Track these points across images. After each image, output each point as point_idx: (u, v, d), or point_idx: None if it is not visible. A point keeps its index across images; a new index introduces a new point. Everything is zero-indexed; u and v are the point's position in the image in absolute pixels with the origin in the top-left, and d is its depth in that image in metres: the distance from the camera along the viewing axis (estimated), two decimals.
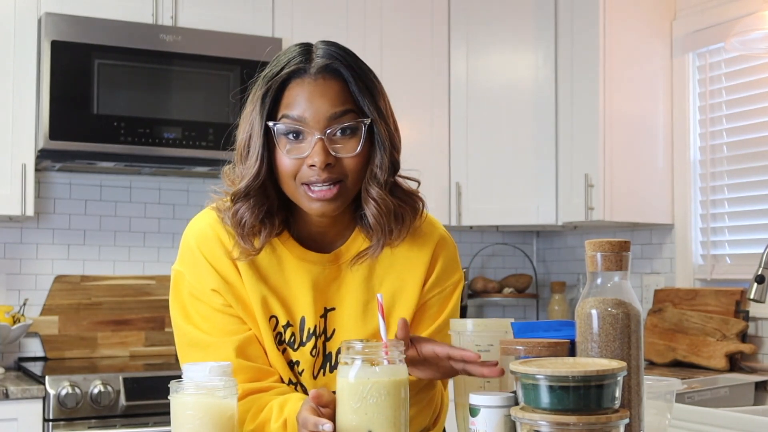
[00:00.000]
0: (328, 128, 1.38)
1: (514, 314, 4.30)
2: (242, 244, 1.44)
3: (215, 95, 3.40)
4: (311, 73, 1.40)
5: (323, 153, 1.37)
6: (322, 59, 1.41)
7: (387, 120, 1.44)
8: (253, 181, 1.41)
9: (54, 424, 2.86)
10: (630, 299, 1.17)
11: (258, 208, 1.43)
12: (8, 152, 3.16)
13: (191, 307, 1.48)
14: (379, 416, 1.18)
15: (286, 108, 1.40)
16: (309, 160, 1.38)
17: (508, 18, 3.83)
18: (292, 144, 1.40)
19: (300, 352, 1.48)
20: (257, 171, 1.41)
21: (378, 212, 1.44)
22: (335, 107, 1.39)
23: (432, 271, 1.53)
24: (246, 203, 1.43)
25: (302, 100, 1.39)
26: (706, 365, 3.22)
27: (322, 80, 1.40)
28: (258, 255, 1.47)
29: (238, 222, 1.44)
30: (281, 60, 1.44)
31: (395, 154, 1.46)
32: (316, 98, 1.39)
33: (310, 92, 1.39)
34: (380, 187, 1.43)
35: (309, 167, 1.38)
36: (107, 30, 3.24)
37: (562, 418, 1.01)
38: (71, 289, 3.54)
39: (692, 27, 3.56)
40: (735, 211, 3.43)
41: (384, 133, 1.43)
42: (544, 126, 3.74)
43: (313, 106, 1.39)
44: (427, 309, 1.53)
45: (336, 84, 1.41)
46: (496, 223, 3.90)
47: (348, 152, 1.40)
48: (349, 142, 1.40)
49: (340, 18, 3.64)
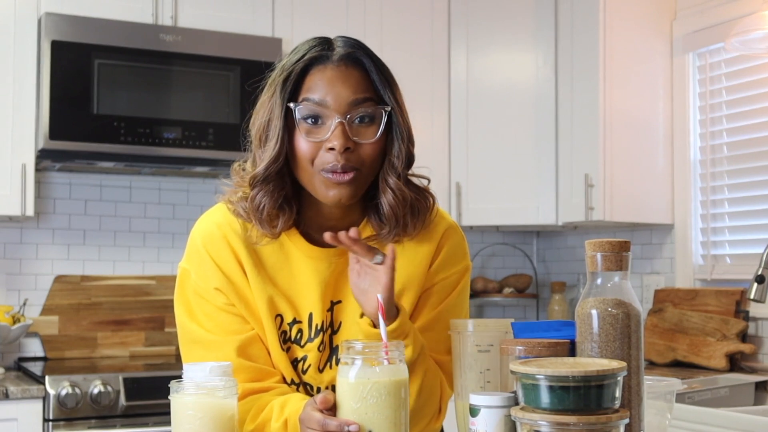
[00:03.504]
0: (349, 114, 1.40)
1: (514, 314, 4.30)
2: (259, 228, 1.45)
3: (215, 95, 3.40)
4: (333, 60, 1.42)
5: (343, 136, 1.38)
6: (343, 48, 1.43)
7: (404, 113, 1.46)
8: (273, 164, 1.42)
9: (54, 424, 2.86)
10: (630, 299, 1.17)
11: (277, 193, 1.44)
12: (8, 152, 3.16)
13: (195, 305, 1.48)
14: (379, 416, 1.19)
15: (307, 92, 1.41)
16: (328, 143, 1.39)
17: (508, 18, 3.83)
18: (312, 128, 1.41)
19: (307, 347, 1.48)
20: (277, 153, 1.41)
21: (395, 201, 1.45)
22: (356, 94, 1.41)
23: (437, 257, 1.52)
24: (265, 188, 1.43)
25: (324, 84, 1.40)
26: (706, 365, 3.22)
27: (344, 67, 1.42)
28: (265, 253, 1.47)
29: (256, 207, 1.44)
30: (301, 48, 1.45)
31: (411, 146, 1.47)
32: (337, 83, 1.40)
33: (332, 77, 1.41)
34: (398, 177, 1.45)
35: (327, 151, 1.39)
36: (107, 30, 3.24)
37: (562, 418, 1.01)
38: (71, 289, 3.54)
39: (692, 27, 3.56)
40: (735, 211, 3.43)
41: (402, 124, 1.45)
42: (544, 126, 3.74)
43: (334, 90, 1.40)
44: (429, 296, 1.52)
45: (357, 72, 1.43)
46: (496, 223, 3.90)
47: (367, 139, 1.41)
48: (368, 130, 1.41)
49: (340, 18, 3.64)
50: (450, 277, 1.53)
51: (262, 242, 1.46)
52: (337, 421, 1.19)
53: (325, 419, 1.20)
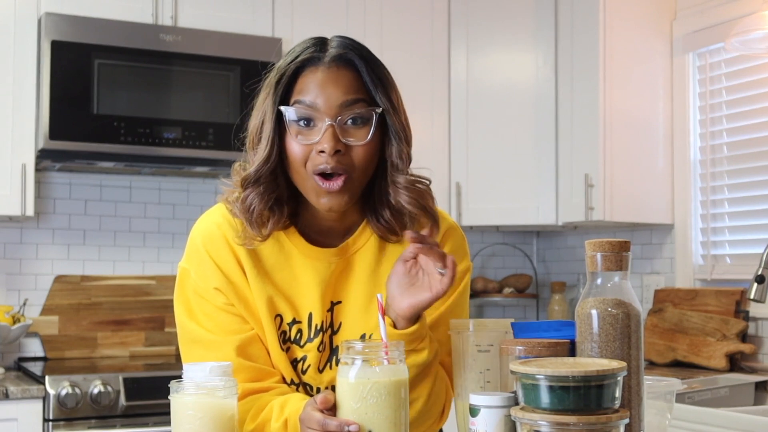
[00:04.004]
0: (339, 116, 1.39)
1: (514, 314, 4.30)
2: (249, 230, 1.45)
3: (215, 95, 3.40)
4: (325, 61, 1.42)
5: (333, 139, 1.38)
6: (336, 49, 1.43)
7: (399, 113, 1.45)
8: (264, 165, 1.42)
9: (54, 424, 2.86)
10: (630, 299, 1.17)
11: (268, 195, 1.44)
12: (8, 152, 3.16)
13: (195, 305, 1.48)
14: (379, 416, 1.19)
15: (299, 94, 1.41)
16: (318, 146, 1.39)
17: (508, 18, 3.83)
18: (303, 130, 1.41)
19: (307, 348, 1.48)
20: (268, 155, 1.41)
21: (410, 198, 1.44)
22: (347, 95, 1.40)
23: None
24: (255, 189, 1.43)
25: (315, 86, 1.40)
26: (706, 365, 3.22)
27: (335, 68, 1.41)
28: (265, 252, 1.47)
29: (247, 208, 1.44)
30: (296, 50, 1.45)
31: (408, 146, 1.46)
32: (328, 85, 1.40)
33: (323, 79, 1.41)
34: (405, 174, 1.45)
35: (318, 153, 1.39)
36: (107, 30, 3.24)
37: (562, 418, 1.01)
38: (71, 289, 3.54)
39: (692, 27, 3.56)
40: (735, 211, 3.43)
41: (397, 124, 1.44)
42: (544, 126, 3.74)
43: (325, 92, 1.40)
44: None
45: (349, 73, 1.42)
46: (496, 223, 3.90)
47: (358, 140, 1.40)
48: (359, 131, 1.41)
49: (340, 18, 3.64)
50: None
51: (252, 244, 1.46)
52: (337, 421, 1.20)
53: (325, 419, 1.20)
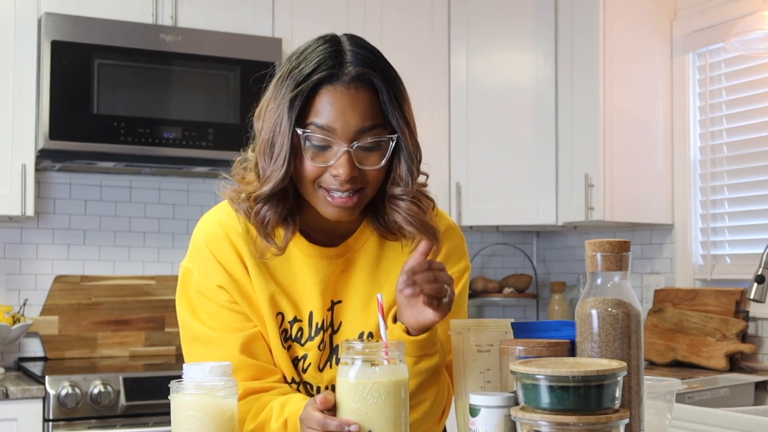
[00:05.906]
0: (355, 141, 1.38)
1: (514, 314, 4.30)
2: (266, 244, 1.45)
3: (215, 95, 3.39)
4: (344, 81, 1.38)
5: (349, 165, 1.37)
6: (354, 67, 1.39)
7: (413, 133, 1.45)
8: (279, 185, 1.41)
9: (54, 424, 2.86)
10: (630, 299, 1.17)
11: (281, 208, 1.44)
12: (8, 152, 3.16)
13: (198, 304, 1.49)
14: (379, 416, 1.19)
15: (315, 115, 1.38)
16: (333, 170, 1.38)
17: (508, 18, 3.83)
18: (318, 152, 1.39)
19: (307, 346, 1.48)
20: (283, 175, 1.40)
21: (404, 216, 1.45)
22: (365, 121, 1.38)
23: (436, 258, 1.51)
24: (269, 204, 1.43)
25: (332, 109, 1.37)
26: (706, 365, 3.22)
27: (354, 90, 1.38)
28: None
29: (261, 222, 1.44)
30: (310, 60, 1.40)
31: (417, 164, 1.46)
32: (347, 110, 1.37)
33: (341, 103, 1.38)
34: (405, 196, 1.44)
35: (332, 176, 1.39)
36: (107, 30, 3.24)
37: (562, 418, 1.01)
38: (71, 289, 3.54)
39: (692, 27, 3.56)
40: (735, 211, 3.43)
41: (411, 146, 1.44)
42: (544, 126, 3.74)
43: (343, 117, 1.37)
44: None
45: (367, 96, 1.39)
46: (496, 223, 3.90)
47: (371, 165, 1.40)
48: (374, 156, 1.40)
49: (340, 18, 3.64)
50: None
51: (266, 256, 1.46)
52: (338, 421, 1.20)
53: (325, 419, 1.20)
